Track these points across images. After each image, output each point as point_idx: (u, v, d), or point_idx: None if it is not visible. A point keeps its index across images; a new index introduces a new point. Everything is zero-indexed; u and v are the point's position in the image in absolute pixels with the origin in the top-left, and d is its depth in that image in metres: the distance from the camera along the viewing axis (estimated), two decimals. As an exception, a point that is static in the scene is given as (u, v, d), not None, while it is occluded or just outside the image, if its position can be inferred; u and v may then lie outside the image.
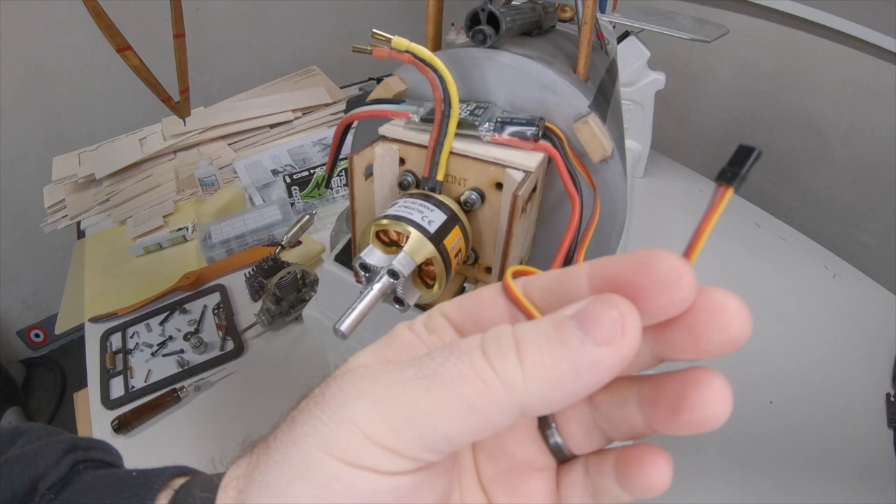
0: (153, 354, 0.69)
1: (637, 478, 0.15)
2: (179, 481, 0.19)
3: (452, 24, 1.39)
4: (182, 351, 0.70)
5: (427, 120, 0.29)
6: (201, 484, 0.18)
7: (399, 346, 0.16)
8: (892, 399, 0.60)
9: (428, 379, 0.13)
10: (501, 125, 0.29)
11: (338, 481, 0.13)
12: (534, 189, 0.30)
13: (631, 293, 0.13)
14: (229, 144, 1.09)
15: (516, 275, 0.16)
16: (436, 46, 0.35)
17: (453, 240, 0.27)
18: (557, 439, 0.16)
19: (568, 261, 0.30)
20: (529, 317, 0.15)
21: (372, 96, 0.33)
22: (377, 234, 0.27)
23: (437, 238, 0.26)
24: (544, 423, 0.17)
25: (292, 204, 0.91)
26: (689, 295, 0.13)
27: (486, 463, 0.17)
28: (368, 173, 0.30)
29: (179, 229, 0.89)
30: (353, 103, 0.32)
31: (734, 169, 0.16)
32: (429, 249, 0.25)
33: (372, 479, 0.13)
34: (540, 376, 0.12)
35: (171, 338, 0.72)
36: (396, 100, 0.33)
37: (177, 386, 0.63)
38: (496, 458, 0.17)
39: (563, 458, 0.17)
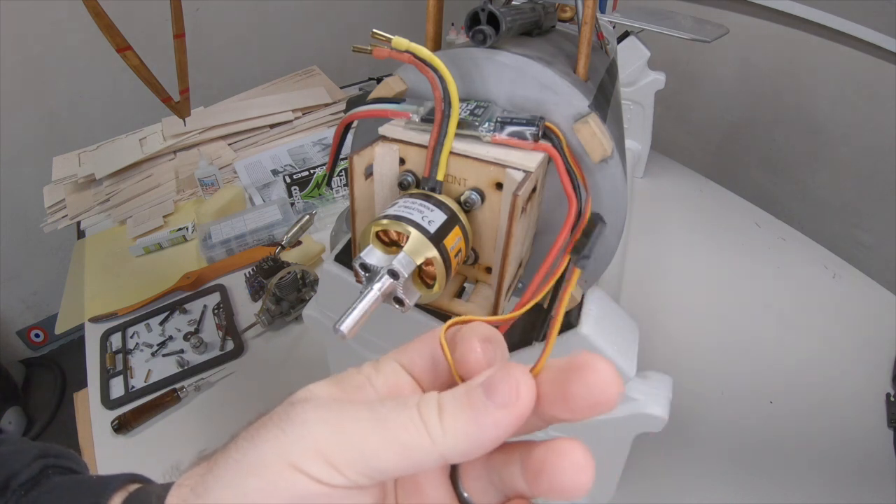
0: (153, 354, 0.70)
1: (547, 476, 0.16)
2: (134, 486, 0.22)
3: (452, 24, 1.39)
4: (182, 351, 0.70)
5: (427, 120, 0.29)
6: (156, 489, 0.20)
7: (349, 387, 0.19)
8: (892, 399, 0.60)
9: (378, 422, 0.16)
10: (501, 125, 0.29)
11: (284, 481, 0.16)
12: (534, 189, 0.30)
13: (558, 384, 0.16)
14: (229, 144, 1.09)
15: (455, 325, 0.19)
16: (436, 46, 0.35)
17: (453, 240, 0.27)
18: (464, 493, 0.19)
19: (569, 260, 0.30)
20: (451, 369, 0.18)
21: (372, 96, 0.33)
22: (377, 234, 0.27)
23: (437, 238, 0.26)
24: (454, 476, 0.20)
25: (292, 204, 0.91)
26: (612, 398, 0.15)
27: (403, 497, 0.20)
28: (368, 173, 0.30)
29: (179, 229, 0.89)
30: (353, 103, 0.32)
31: (584, 240, 0.18)
32: (429, 249, 0.25)
33: (312, 485, 0.16)
34: (455, 433, 0.16)
35: (171, 338, 0.72)
36: (396, 100, 0.33)
37: (177, 386, 0.63)
38: (412, 495, 0.20)
39: None
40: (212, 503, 0.17)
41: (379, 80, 0.52)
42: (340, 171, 0.92)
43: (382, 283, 0.24)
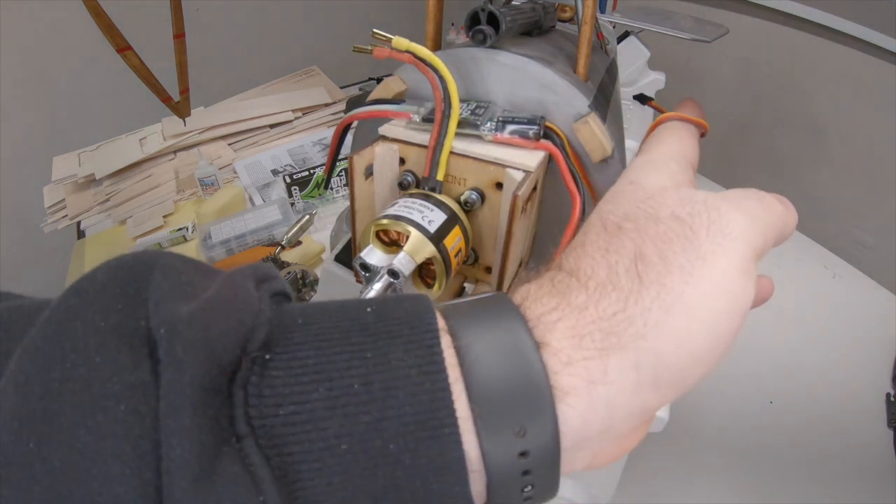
0: (153, 354, 0.69)
1: None
2: (440, 321, 0.15)
3: (452, 24, 1.39)
4: (182, 351, 0.69)
5: (427, 120, 0.29)
6: (488, 326, 0.15)
7: (680, 171, 0.21)
8: (892, 399, 0.60)
9: (770, 209, 0.18)
10: (503, 124, 0.29)
11: (741, 290, 0.16)
12: (534, 189, 0.30)
13: None
14: (229, 144, 1.09)
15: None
16: (436, 46, 0.35)
17: (453, 239, 0.27)
18: None
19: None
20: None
21: (372, 96, 0.33)
22: (377, 234, 0.27)
23: (437, 238, 0.26)
24: None
25: (292, 204, 0.91)
26: None
27: None
28: (368, 173, 0.30)
29: (179, 229, 0.89)
30: (353, 103, 0.32)
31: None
32: (429, 249, 0.25)
33: (752, 284, 0.17)
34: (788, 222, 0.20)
35: (171, 338, 0.71)
36: (396, 100, 0.33)
37: (177, 386, 0.63)
38: None
39: None
40: (652, 341, 0.14)
41: (379, 80, 0.52)
42: (340, 171, 0.92)
43: (382, 283, 0.24)
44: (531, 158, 0.28)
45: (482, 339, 0.14)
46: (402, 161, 0.31)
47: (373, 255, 0.26)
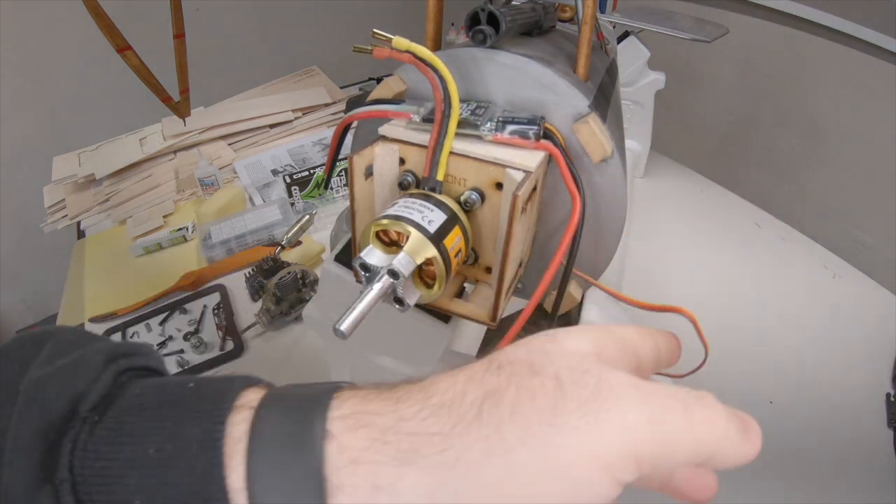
0: (153, 354, 0.69)
1: None
2: (253, 397, 0.16)
3: (452, 24, 1.39)
4: (182, 351, 0.69)
5: (427, 120, 0.29)
6: (290, 407, 0.16)
7: (612, 352, 0.17)
8: (892, 399, 0.60)
9: (687, 414, 0.15)
10: (503, 124, 0.29)
11: (590, 487, 0.14)
12: (534, 189, 0.30)
13: None
14: (229, 144, 1.09)
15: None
16: (436, 46, 0.35)
17: (453, 240, 0.27)
18: None
19: (569, 260, 0.30)
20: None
21: (372, 96, 0.33)
22: (377, 234, 0.27)
23: (437, 238, 0.26)
24: None
25: (292, 204, 0.91)
26: None
27: None
28: (368, 173, 0.30)
29: (179, 229, 0.89)
30: (353, 103, 0.32)
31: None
32: (429, 249, 0.25)
33: (613, 490, 0.14)
34: (735, 446, 0.16)
35: (171, 338, 0.72)
36: (396, 100, 0.33)
37: (177, 386, 0.63)
38: None
39: None
40: (462, 475, 0.13)
41: (379, 80, 0.52)
42: (340, 171, 0.92)
43: (382, 283, 0.24)
44: (531, 158, 0.28)
45: (277, 419, 0.15)
46: (402, 161, 0.31)
47: (373, 255, 0.26)
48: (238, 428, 0.15)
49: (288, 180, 0.90)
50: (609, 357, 0.17)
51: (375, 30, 0.27)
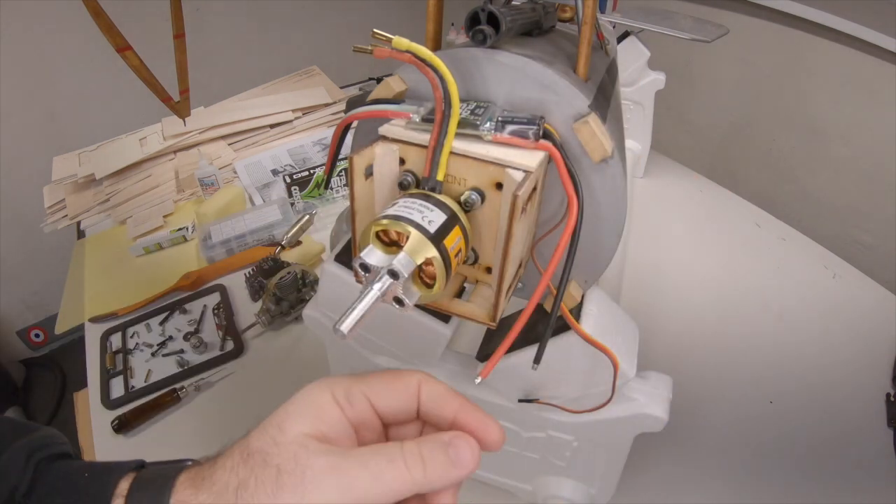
0: (153, 354, 0.70)
1: None
2: (124, 486, 0.23)
3: (452, 24, 1.38)
4: (182, 351, 0.70)
5: (427, 120, 0.29)
6: (161, 475, 0.23)
7: (330, 421, 0.23)
8: (892, 399, 0.60)
9: (375, 477, 0.21)
10: (503, 124, 0.29)
11: None
12: (534, 189, 0.30)
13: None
14: (229, 144, 1.09)
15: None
16: (436, 46, 0.35)
17: (453, 240, 0.27)
18: None
19: (569, 260, 0.30)
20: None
21: (372, 96, 0.33)
22: (377, 234, 0.27)
23: (437, 238, 0.26)
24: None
25: (292, 204, 0.91)
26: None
27: None
28: (368, 173, 0.30)
29: (179, 229, 0.89)
30: (353, 103, 0.32)
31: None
32: (429, 249, 0.25)
33: None
34: (432, 481, 0.22)
35: (171, 338, 0.72)
36: (396, 100, 0.33)
37: (177, 386, 0.63)
38: None
39: None
40: None
41: (379, 80, 0.52)
42: (340, 171, 0.92)
43: (382, 283, 0.24)
44: (531, 158, 0.28)
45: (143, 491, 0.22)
46: (402, 161, 0.31)
47: (373, 255, 0.26)
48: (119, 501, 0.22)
49: (288, 180, 0.90)
50: (327, 431, 0.22)
51: (375, 30, 0.27)
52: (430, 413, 0.24)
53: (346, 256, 0.42)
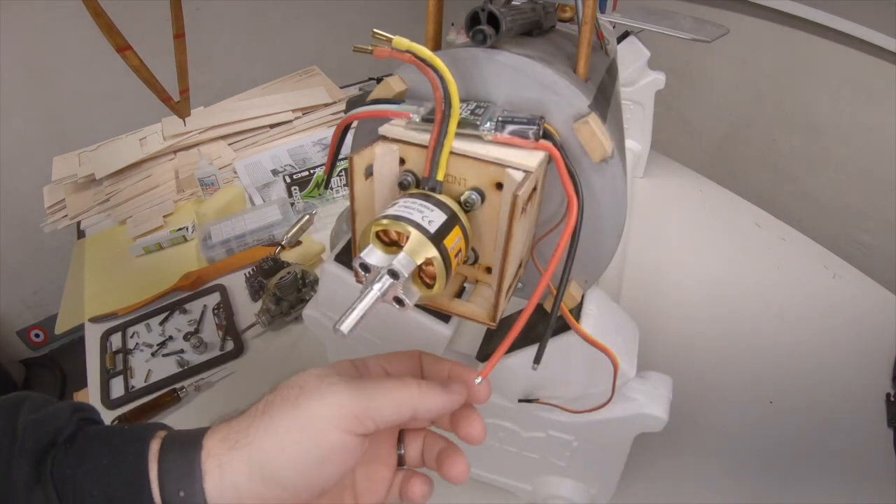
0: (153, 354, 0.70)
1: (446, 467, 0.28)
2: (164, 432, 0.26)
3: (452, 24, 1.39)
4: (182, 351, 0.70)
5: (427, 120, 0.29)
6: (190, 433, 0.26)
7: (345, 369, 0.29)
8: (892, 399, 0.60)
9: (383, 390, 0.26)
10: (502, 124, 0.29)
11: (324, 435, 0.24)
12: (534, 189, 0.30)
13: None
14: (229, 144, 1.09)
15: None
16: (436, 46, 0.35)
17: (453, 240, 0.27)
18: (400, 450, 0.31)
19: (568, 260, 0.30)
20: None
21: (372, 96, 0.33)
22: (377, 234, 0.27)
23: (437, 238, 0.26)
24: (400, 439, 0.31)
25: (292, 204, 0.91)
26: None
27: (370, 449, 0.29)
28: (368, 173, 0.30)
29: (179, 229, 0.89)
30: (353, 103, 0.32)
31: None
32: (429, 249, 0.25)
33: (342, 436, 0.25)
34: (425, 400, 0.26)
35: (171, 338, 0.72)
36: (396, 100, 0.33)
37: (177, 386, 0.63)
38: (375, 447, 0.30)
39: (401, 463, 0.31)
40: (257, 447, 0.24)
41: (379, 80, 0.52)
42: (340, 171, 0.92)
43: (382, 283, 0.24)
44: (531, 158, 0.28)
45: (174, 446, 0.25)
46: (402, 161, 0.31)
47: (373, 255, 0.26)
48: (154, 449, 0.25)
49: (288, 180, 0.90)
50: (340, 371, 0.28)
51: (375, 30, 0.27)
52: (429, 374, 0.31)
53: (346, 256, 0.42)
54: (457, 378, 0.29)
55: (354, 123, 0.35)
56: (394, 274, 0.24)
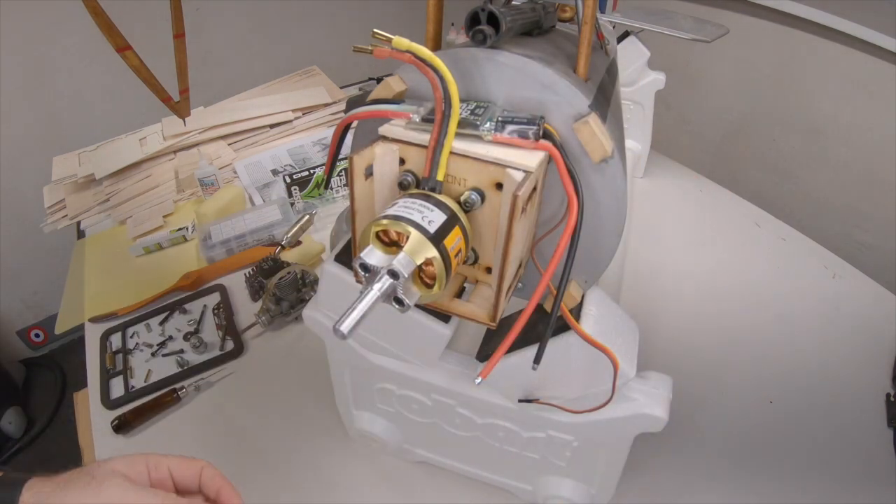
0: (153, 354, 0.70)
1: None
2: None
3: (452, 24, 1.38)
4: (182, 351, 0.70)
5: (427, 120, 0.29)
6: (8, 479, 0.31)
7: (137, 474, 0.33)
8: (892, 399, 0.60)
9: (141, 492, 0.31)
10: (502, 124, 0.29)
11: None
12: (534, 189, 0.30)
13: None
14: (229, 144, 1.09)
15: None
16: (436, 46, 0.35)
17: (453, 240, 0.27)
18: None
19: (569, 260, 0.30)
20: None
21: (372, 96, 0.33)
22: (377, 234, 0.27)
23: (437, 238, 0.26)
24: None
25: (292, 204, 0.91)
26: None
27: None
28: (368, 173, 0.30)
29: (179, 229, 0.89)
30: (353, 103, 0.32)
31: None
32: (429, 249, 0.25)
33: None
34: None
35: (171, 338, 0.72)
36: (396, 100, 0.33)
37: (177, 386, 0.63)
38: None
39: None
40: None
41: (379, 80, 0.52)
42: (340, 171, 0.92)
43: (382, 283, 0.24)
44: (531, 158, 0.28)
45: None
46: (402, 161, 0.31)
47: (373, 255, 0.26)
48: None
49: (288, 180, 0.90)
50: (134, 478, 0.33)
51: (375, 30, 0.28)
52: (205, 486, 0.35)
53: (346, 256, 0.42)
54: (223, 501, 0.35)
55: (354, 123, 0.35)
56: (394, 274, 0.24)
